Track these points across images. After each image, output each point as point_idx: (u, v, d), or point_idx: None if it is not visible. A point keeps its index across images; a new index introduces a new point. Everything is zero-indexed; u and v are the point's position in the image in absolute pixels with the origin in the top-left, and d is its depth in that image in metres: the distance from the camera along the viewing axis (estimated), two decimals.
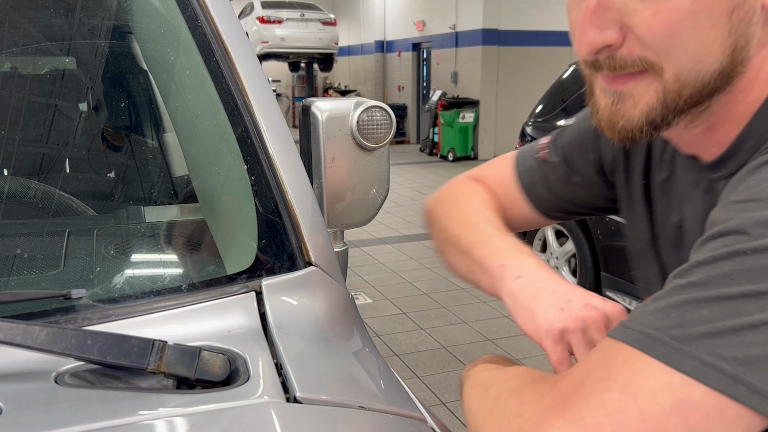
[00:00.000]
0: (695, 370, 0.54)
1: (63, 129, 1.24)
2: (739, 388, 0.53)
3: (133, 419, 0.63)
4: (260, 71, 1.07)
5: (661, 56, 0.64)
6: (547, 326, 0.76)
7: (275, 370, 0.74)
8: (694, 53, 0.64)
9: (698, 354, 0.54)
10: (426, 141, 12.49)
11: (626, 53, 0.65)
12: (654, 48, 0.64)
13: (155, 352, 0.69)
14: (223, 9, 1.07)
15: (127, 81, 1.33)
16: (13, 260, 0.92)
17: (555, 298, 0.78)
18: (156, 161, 1.29)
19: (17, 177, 1.11)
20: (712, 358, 0.53)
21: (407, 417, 0.80)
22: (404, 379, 0.91)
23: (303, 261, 0.91)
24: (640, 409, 0.56)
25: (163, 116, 1.29)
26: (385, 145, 1.33)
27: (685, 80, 0.65)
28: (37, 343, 0.68)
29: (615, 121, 0.69)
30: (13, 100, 1.15)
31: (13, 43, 1.10)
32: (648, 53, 0.64)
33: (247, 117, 0.98)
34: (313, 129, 1.29)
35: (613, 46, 0.65)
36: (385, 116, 1.31)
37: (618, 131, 0.69)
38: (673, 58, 0.64)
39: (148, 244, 1.01)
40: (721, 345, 0.54)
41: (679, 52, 0.64)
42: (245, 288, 0.85)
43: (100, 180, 1.18)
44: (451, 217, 0.99)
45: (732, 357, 0.53)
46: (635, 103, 0.67)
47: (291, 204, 0.94)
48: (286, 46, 13.72)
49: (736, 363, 0.53)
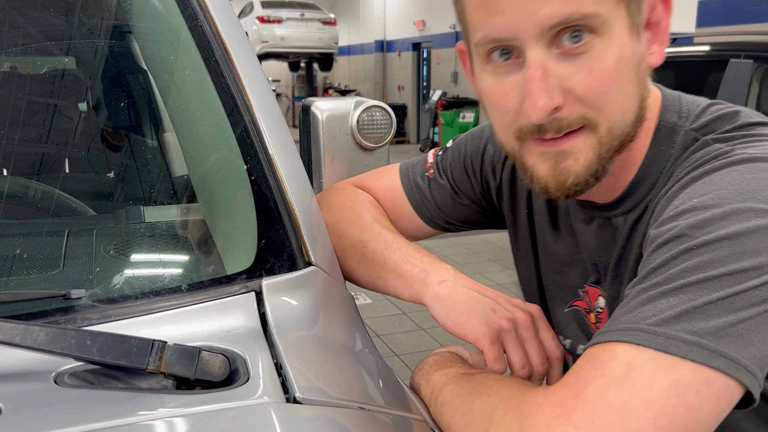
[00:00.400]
0: (680, 349, 0.60)
1: (62, 129, 1.24)
2: (719, 360, 0.60)
3: (132, 419, 0.63)
4: (260, 71, 1.07)
5: (598, 111, 0.73)
6: (484, 327, 0.82)
7: (275, 370, 0.74)
8: (621, 106, 0.74)
9: (679, 335, 0.61)
10: (426, 141, 12.49)
11: (568, 113, 0.73)
12: (592, 104, 0.72)
13: (155, 353, 0.69)
14: (223, 9, 1.07)
15: (127, 81, 1.33)
16: (13, 260, 0.92)
17: (484, 301, 0.85)
18: (156, 161, 1.28)
19: (17, 177, 1.11)
20: (692, 336, 0.60)
21: (407, 417, 0.79)
22: (404, 379, 0.91)
23: (303, 261, 0.91)
24: (642, 397, 0.59)
25: (163, 116, 1.29)
26: (385, 144, 1.33)
27: (615, 132, 0.75)
28: (37, 343, 0.68)
29: (563, 180, 0.76)
30: (13, 100, 1.15)
31: (12, 43, 1.10)
32: (587, 110, 0.73)
33: (247, 117, 0.98)
34: (313, 129, 1.29)
35: (559, 109, 0.72)
36: (385, 116, 1.31)
37: (567, 188, 0.76)
38: (607, 113, 0.73)
39: (147, 244, 1.00)
40: (695, 323, 0.61)
41: (612, 106, 0.73)
42: (245, 288, 0.85)
43: (99, 180, 1.18)
44: (351, 223, 1.04)
45: (706, 332, 0.60)
46: (576, 159, 0.75)
47: (291, 204, 0.94)
48: (286, 45, 13.72)
49: (711, 337, 0.60)
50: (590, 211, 0.88)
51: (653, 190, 0.80)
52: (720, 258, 0.62)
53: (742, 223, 0.63)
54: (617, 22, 0.71)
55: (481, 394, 0.73)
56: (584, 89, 0.71)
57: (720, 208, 0.65)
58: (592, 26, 0.70)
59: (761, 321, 0.61)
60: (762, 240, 0.62)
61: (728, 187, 0.67)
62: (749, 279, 0.61)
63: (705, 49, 4.31)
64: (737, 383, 0.61)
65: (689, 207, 0.68)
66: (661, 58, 0.78)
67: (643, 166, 0.81)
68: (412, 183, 1.10)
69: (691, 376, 0.60)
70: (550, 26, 0.69)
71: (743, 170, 0.69)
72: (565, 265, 0.96)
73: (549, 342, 0.86)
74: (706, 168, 0.72)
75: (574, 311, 0.96)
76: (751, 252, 0.62)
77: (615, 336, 0.64)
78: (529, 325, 0.85)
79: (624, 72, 0.72)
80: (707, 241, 0.63)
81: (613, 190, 0.84)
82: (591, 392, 0.61)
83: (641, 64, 0.75)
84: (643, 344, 0.62)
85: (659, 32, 0.77)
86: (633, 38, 0.73)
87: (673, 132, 0.81)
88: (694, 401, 0.60)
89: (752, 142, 0.73)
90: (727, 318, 0.61)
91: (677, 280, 0.63)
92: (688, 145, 0.79)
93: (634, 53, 0.73)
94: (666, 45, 0.78)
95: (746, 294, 0.61)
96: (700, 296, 0.62)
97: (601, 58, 0.71)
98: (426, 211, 1.09)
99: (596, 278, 0.91)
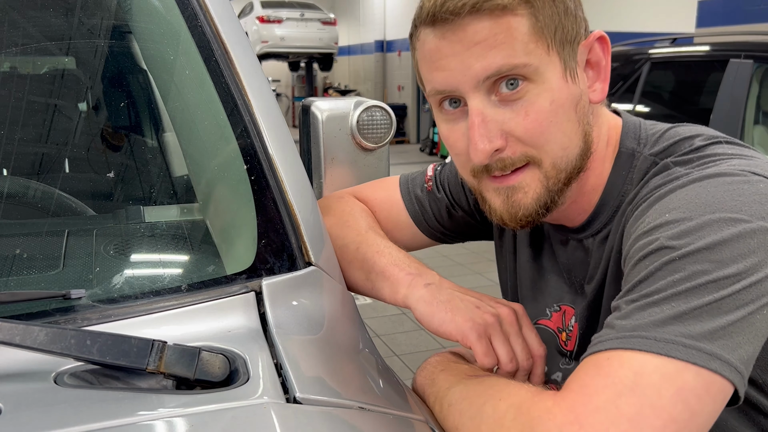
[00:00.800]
0: (681, 353, 0.64)
1: (62, 129, 1.23)
2: (716, 362, 0.64)
3: (132, 420, 0.63)
4: (260, 71, 1.07)
5: (539, 149, 0.80)
6: (470, 323, 0.85)
7: (275, 370, 0.74)
8: (560, 142, 0.81)
9: (678, 339, 0.64)
10: (426, 141, 12.49)
11: (511, 153, 0.81)
12: (531, 144, 0.80)
13: (155, 353, 0.69)
14: (223, 9, 1.07)
15: (127, 81, 1.33)
16: (13, 260, 0.92)
17: (468, 299, 0.88)
18: (155, 161, 1.28)
19: (16, 177, 1.11)
20: (690, 340, 0.64)
21: (407, 417, 0.79)
22: (404, 379, 0.92)
23: (303, 261, 0.91)
24: (653, 406, 0.62)
25: (163, 116, 1.29)
26: (385, 144, 1.33)
27: (560, 165, 0.82)
28: (37, 343, 0.68)
29: (514, 212, 0.84)
30: (13, 100, 1.15)
31: (12, 43, 1.10)
32: (528, 149, 0.81)
33: (246, 117, 0.97)
34: (313, 129, 1.29)
35: (500, 150, 0.80)
36: (385, 116, 1.31)
37: (519, 219, 0.84)
38: (548, 150, 0.81)
39: (147, 244, 1.00)
40: (690, 327, 0.65)
41: (551, 144, 0.80)
42: (245, 288, 0.85)
43: (99, 180, 1.17)
44: (348, 226, 1.09)
45: (701, 335, 0.64)
46: (525, 193, 0.83)
47: (291, 204, 0.93)
48: (286, 45, 13.70)
49: (707, 340, 0.64)
50: (564, 233, 0.95)
51: (617, 212, 0.87)
52: (703, 268, 0.67)
53: (717, 233, 0.68)
54: (550, 69, 0.79)
55: (490, 397, 0.74)
56: (522, 131, 0.79)
57: (693, 220, 0.70)
58: (525, 74, 0.78)
59: (746, 323, 0.65)
60: (737, 248, 0.67)
61: (696, 200, 0.72)
62: (731, 284, 0.66)
63: (705, 49, 4.31)
64: (729, 383, 0.65)
65: (663, 221, 0.72)
66: (603, 94, 0.85)
67: (605, 191, 0.88)
68: (412, 195, 1.15)
69: (693, 382, 0.63)
70: (485, 78, 0.78)
71: (706, 185, 0.73)
72: (539, 283, 1.01)
73: (532, 339, 0.88)
74: (670, 186, 0.77)
75: (541, 329, 1.00)
76: (728, 260, 0.67)
77: (615, 344, 0.67)
78: (513, 320, 0.87)
79: (560, 112, 0.80)
80: (688, 252, 0.68)
81: (579, 214, 0.91)
82: (603, 401, 0.63)
83: (580, 102, 0.82)
84: (646, 349, 0.64)
85: (600, 71, 0.85)
86: (569, 80, 0.80)
87: (633, 157, 0.86)
88: (697, 406, 0.63)
89: (708, 163, 0.79)
90: (718, 321, 0.65)
91: (666, 290, 0.67)
92: (648, 168, 0.84)
93: (570, 94, 0.80)
94: (608, 82, 0.85)
95: (731, 298, 0.66)
96: (690, 303, 0.66)
97: (536, 102, 0.78)
98: (424, 221, 1.14)
99: (571, 298, 0.96)
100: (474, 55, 0.77)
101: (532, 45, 0.77)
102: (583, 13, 0.83)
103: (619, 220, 0.85)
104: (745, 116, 3.64)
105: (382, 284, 0.96)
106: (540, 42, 0.78)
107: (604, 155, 0.88)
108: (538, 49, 0.78)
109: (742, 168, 0.75)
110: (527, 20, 0.77)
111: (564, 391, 0.66)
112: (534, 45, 0.77)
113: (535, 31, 0.77)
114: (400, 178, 1.18)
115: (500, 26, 0.76)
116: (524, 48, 0.77)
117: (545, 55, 0.78)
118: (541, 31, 0.78)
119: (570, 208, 0.90)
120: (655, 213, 0.75)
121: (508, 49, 0.77)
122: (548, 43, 0.78)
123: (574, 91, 0.81)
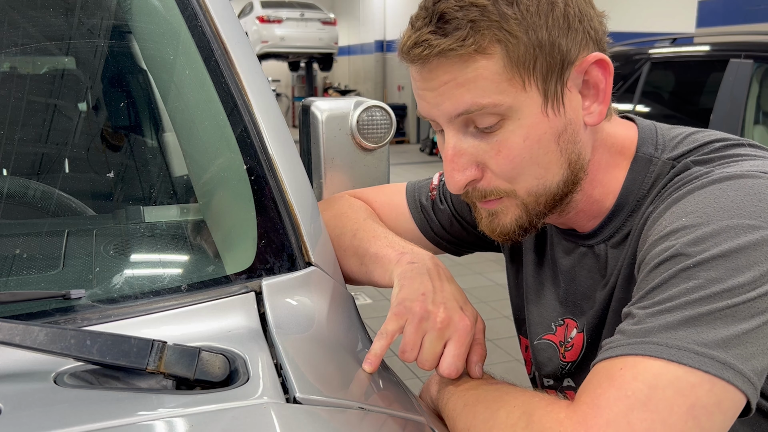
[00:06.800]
0: (693, 360, 0.63)
1: (62, 129, 1.23)
2: (729, 372, 0.63)
3: (132, 420, 0.63)
4: (260, 71, 1.07)
5: (512, 182, 0.81)
6: (398, 300, 0.84)
7: (275, 370, 0.74)
8: (535, 174, 0.81)
9: (690, 346, 0.64)
10: (426, 141, 12.48)
11: (486, 184, 0.82)
12: (505, 177, 0.81)
13: (154, 353, 0.69)
14: (223, 9, 1.07)
15: (127, 81, 1.33)
16: (13, 260, 0.92)
17: (425, 284, 0.86)
18: (155, 161, 1.28)
19: (16, 177, 1.11)
20: (702, 348, 0.63)
21: (407, 417, 0.79)
22: (404, 379, 0.91)
23: (303, 261, 0.91)
24: (664, 422, 0.62)
25: (163, 116, 1.29)
26: (385, 144, 1.33)
27: (537, 193, 0.82)
28: (37, 343, 0.68)
29: (493, 228, 0.86)
30: (13, 100, 1.15)
31: (12, 43, 1.10)
32: (501, 183, 0.82)
33: (246, 117, 0.97)
34: (312, 129, 1.29)
35: (476, 180, 0.82)
36: (385, 116, 1.31)
37: (498, 235, 0.87)
38: (521, 182, 0.81)
39: (147, 244, 1.00)
40: (703, 334, 0.64)
41: (524, 176, 0.81)
42: (245, 288, 0.85)
43: (99, 180, 1.17)
44: (345, 216, 1.09)
45: (714, 343, 0.63)
46: (505, 215, 0.85)
47: (291, 204, 0.93)
48: (286, 45, 13.69)
49: (720, 348, 0.63)
50: (573, 239, 0.93)
51: (633, 216, 0.85)
52: (717, 275, 0.66)
53: (733, 240, 0.67)
54: (526, 104, 0.77)
55: (506, 403, 0.74)
56: (495, 166, 0.80)
57: (709, 225, 0.69)
58: (497, 113, 0.77)
59: (760, 333, 0.65)
60: (752, 255, 0.66)
61: (713, 204, 0.71)
62: (746, 292, 0.65)
63: (705, 49, 4.31)
64: (742, 395, 0.64)
65: (679, 226, 0.71)
66: (600, 117, 0.82)
67: (621, 195, 0.87)
68: (417, 203, 1.15)
69: (706, 399, 0.63)
70: (455, 116, 0.78)
71: (725, 188, 0.72)
72: (543, 296, 1.00)
73: (449, 356, 0.82)
74: (689, 187, 0.76)
75: (546, 344, 0.99)
76: (744, 267, 0.66)
77: (627, 350, 0.66)
78: (437, 327, 0.82)
79: (534, 148, 0.79)
80: (704, 260, 0.67)
81: (590, 220, 0.90)
82: (614, 414, 0.63)
83: (564, 132, 0.80)
84: (657, 355, 0.64)
85: (599, 93, 0.82)
86: (550, 114, 0.78)
87: (650, 163, 0.85)
88: (707, 424, 0.63)
89: (730, 162, 0.78)
90: (732, 329, 0.64)
91: (680, 297, 0.66)
92: (666, 171, 0.83)
93: (551, 127, 0.79)
94: (608, 104, 0.83)
95: (745, 306, 0.65)
96: (704, 310, 0.65)
97: (509, 139, 0.78)
98: (430, 229, 1.14)
99: (573, 309, 0.94)
100: (443, 94, 0.77)
101: (505, 84, 0.76)
102: (589, 21, 0.79)
103: (638, 223, 0.84)
104: (745, 116, 3.64)
105: (374, 267, 0.95)
106: (514, 79, 0.76)
107: (612, 164, 0.86)
108: (512, 87, 0.76)
109: (764, 170, 0.74)
110: (499, 59, 0.75)
111: (576, 403, 0.66)
112: (507, 84, 0.76)
113: (508, 69, 0.75)
114: (407, 186, 1.18)
115: (469, 67, 0.75)
116: (496, 87, 0.75)
117: (521, 92, 0.76)
118: (515, 68, 0.75)
119: (578, 216, 0.89)
120: (671, 216, 0.74)
121: (476, 89, 0.75)
122: (524, 79, 0.76)
123: (556, 124, 0.79)
